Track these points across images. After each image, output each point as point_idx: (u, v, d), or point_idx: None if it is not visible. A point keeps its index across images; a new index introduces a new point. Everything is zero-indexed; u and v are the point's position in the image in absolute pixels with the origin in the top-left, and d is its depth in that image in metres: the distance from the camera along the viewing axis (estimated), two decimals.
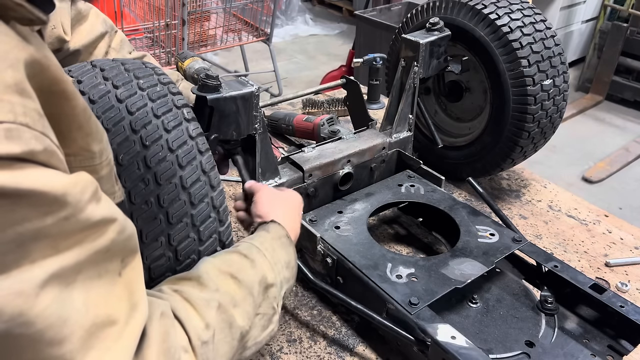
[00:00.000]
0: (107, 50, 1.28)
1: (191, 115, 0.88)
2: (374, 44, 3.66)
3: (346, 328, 1.21)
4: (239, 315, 0.75)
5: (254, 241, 0.89)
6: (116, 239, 0.58)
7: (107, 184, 0.66)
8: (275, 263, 0.87)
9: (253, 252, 0.86)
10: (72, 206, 0.51)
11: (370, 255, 1.18)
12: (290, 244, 0.95)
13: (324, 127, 1.76)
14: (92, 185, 0.55)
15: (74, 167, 0.59)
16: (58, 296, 0.50)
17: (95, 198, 0.55)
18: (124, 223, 0.60)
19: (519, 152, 1.54)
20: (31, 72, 0.51)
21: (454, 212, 1.34)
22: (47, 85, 0.54)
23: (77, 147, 0.60)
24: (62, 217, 0.50)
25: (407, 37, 1.49)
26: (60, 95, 0.56)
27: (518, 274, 1.27)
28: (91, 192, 0.54)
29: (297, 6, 6.37)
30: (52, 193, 0.49)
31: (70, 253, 0.52)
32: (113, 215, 0.58)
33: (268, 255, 0.87)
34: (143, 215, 0.80)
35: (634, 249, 1.50)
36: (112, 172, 0.68)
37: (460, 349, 0.96)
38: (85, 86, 0.85)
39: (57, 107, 0.56)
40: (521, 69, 1.42)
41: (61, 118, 0.57)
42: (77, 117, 0.59)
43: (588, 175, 3.64)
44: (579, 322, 1.13)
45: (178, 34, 3.32)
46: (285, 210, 1.04)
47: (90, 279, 0.55)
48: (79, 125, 0.59)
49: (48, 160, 0.50)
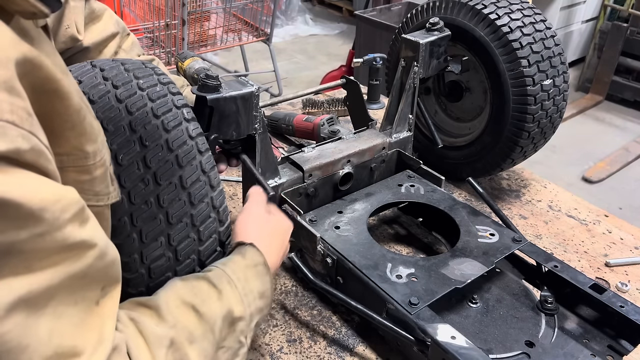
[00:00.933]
0: (116, 50, 1.27)
1: (191, 115, 0.88)
2: (374, 44, 3.66)
3: (346, 328, 1.21)
4: (194, 353, 0.70)
5: (226, 268, 0.83)
6: (95, 265, 0.56)
7: (101, 184, 0.65)
8: (247, 294, 0.82)
9: (223, 282, 0.80)
10: (49, 223, 0.49)
11: (370, 255, 1.18)
12: (266, 272, 0.88)
13: (324, 127, 1.76)
14: (76, 205, 0.54)
15: (66, 167, 0.59)
16: (24, 322, 0.48)
17: (79, 219, 0.54)
18: (105, 249, 0.58)
19: (519, 152, 1.54)
20: (22, 70, 0.50)
21: (454, 212, 1.34)
22: (39, 84, 0.53)
23: (70, 147, 0.59)
24: (37, 233, 0.49)
25: (407, 37, 1.49)
26: (53, 94, 0.55)
27: (518, 274, 1.27)
28: (73, 212, 0.53)
29: (297, 6, 6.37)
30: (28, 206, 0.47)
31: (44, 275, 0.50)
32: (94, 239, 0.56)
33: (239, 285, 0.81)
34: (143, 215, 0.80)
35: (634, 249, 1.50)
36: (107, 173, 0.67)
37: (460, 349, 0.96)
38: (85, 86, 0.85)
39: (50, 106, 0.55)
40: (521, 69, 1.42)
41: (53, 117, 0.56)
42: (70, 117, 0.58)
43: (588, 175, 3.64)
44: (579, 322, 1.13)
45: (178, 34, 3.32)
46: (269, 235, 0.98)
47: (64, 305, 0.53)
48: (72, 125, 0.59)
49: (35, 160, 0.49)
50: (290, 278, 1.34)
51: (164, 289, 0.77)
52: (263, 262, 0.88)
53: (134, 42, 1.32)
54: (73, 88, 0.60)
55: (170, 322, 0.70)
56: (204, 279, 0.80)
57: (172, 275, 0.84)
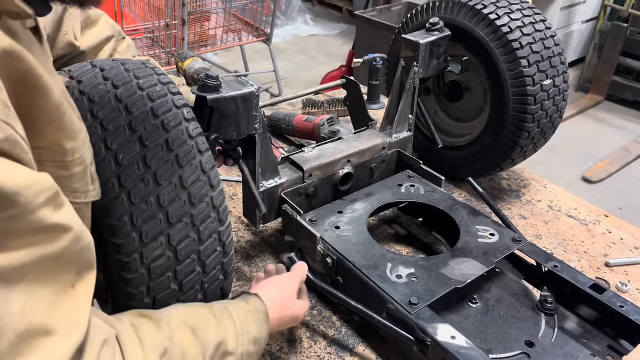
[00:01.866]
0: (111, 52, 1.29)
1: (191, 115, 0.88)
2: (374, 44, 3.66)
3: (346, 328, 1.21)
4: None
5: (230, 306, 0.87)
6: (69, 248, 0.57)
7: (80, 182, 0.67)
8: (243, 334, 0.84)
9: (224, 315, 0.84)
10: (22, 206, 0.51)
11: (370, 255, 1.18)
12: (265, 321, 0.91)
13: (324, 127, 1.76)
14: (50, 190, 0.55)
15: (44, 161, 0.60)
16: None
17: (53, 203, 0.55)
18: (80, 234, 0.59)
19: (518, 152, 1.54)
20: (2, 62, 0.52)
21: (453, 212, 1.34)
22: (19, 76, 0.55)
23: (49, 141, 0.60)
24: (10, 215, 0.50)
25: (407, 37, 1.49)
26: (33, 88, 0.57)
27: (518, 274, 1.27)
28: (46, 197, 0.54)
29: (297, 6, 6.37)
30: (2, 190, 0.49)
31: (17, 253, 0.52)
32: (69, 223, 0.57)
33: (238, 323, 0.84)
34: (143, 214, 0.80)
35: (634, 249, 1.50)
36: (87, 171, 0.68)
37: (460, 348, 0.96)
38: (85, 86, 0.85)
39: (29, 99, 0.57)
40: (521, 69, 1.42)
41: (32, 110, 0.57)
42: (49, 112, 0.59)
43: (588, 175, 3.64)
44: (578, 322, 1.13)
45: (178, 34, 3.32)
46: (276, 291, 1.01)
47: (35, 284, 0.54)
48: (51, 120, 0.60)
49: (10, 150, 0.51)
50: None
51: (167, 308, 0.82)
52: (264, 311, 0.92)
53: (130, 45, 1.33)
54: (56, 86, 0.61)
55: (168, 335, 0.74)
56: (207, 308, 0.84)
57: (172, 275, 0.84)
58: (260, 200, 1.21)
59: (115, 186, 0.79)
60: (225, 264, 0.92)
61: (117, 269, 0.82)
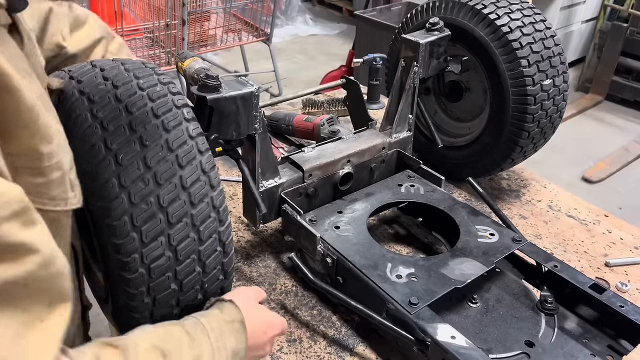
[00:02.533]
0: (104, 54, 1.28)
1: (191, 115, 0.88)
2: (374, 44, 3.66)
3: (346, 328, 1.21)
4: None
5: (202, 319, 0.81)
6: (37, 273, 0.52)
7: (58, 189, 0.63)
8: (219, 349, 0.78)
9: (197, 331, 0.78)
10: None
11: (370, 255, 1.18)
12: (242, 331, 0.84)
13: (324, 127, 1.76)
14: (17, 205, 0.51)
15: (19, 167, 0.56)
16: None
17: (20, 219, 0.51)
18: (50, 258, 0.54)
19: (518, 152, 1.54)
20: None
21: (453, 212, 1.34)
22: None
23: (23, 147, 0.57)
24: None
25: (407, 37, 1.49)
26: (2, 88, 0.54)
27: (518, 274, 1.27)
28: (12, 211, 0.50)
29: (297, 6, 6.37)
30: None
31: None
32: (37, 245, 0.52)
33: (212, 337, 0.78)
34: (143, 215, 0.80)
35: (634, 249, 1.50)
36: (66, 178, 0.64)
37: (460, 348, 0.96)
38: (85, 86, 0.85)
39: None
40: (521, 69, 1.42)
41: (2, 113, 0.54)
42: (21, 114, 0.56)
43: (588, 175, 3.65)
44: (578, 322, 1.14)
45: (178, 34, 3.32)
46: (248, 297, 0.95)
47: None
48: (25, 123, 0.56)
49: None
50: (290, 278, 1.34)
51: (135, 330, 0.75)
52: (241, 320, 0.85)
53: (121, 44, 1.32)
54: (29, 87, 0.58)
55: None
56: (179, 326, 0.79)
57: (172, 275, 0.84)
58: (260, 200, 1.21)
59: (115, 186, 0.79)
60: (225, 264, 0.92)
61: (118, 269, 0.82)
